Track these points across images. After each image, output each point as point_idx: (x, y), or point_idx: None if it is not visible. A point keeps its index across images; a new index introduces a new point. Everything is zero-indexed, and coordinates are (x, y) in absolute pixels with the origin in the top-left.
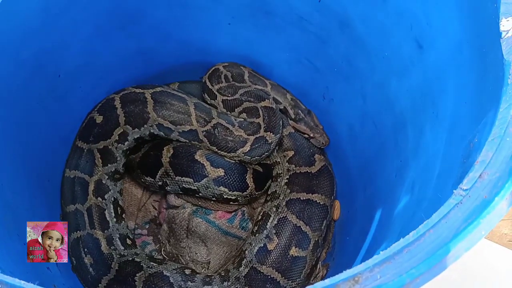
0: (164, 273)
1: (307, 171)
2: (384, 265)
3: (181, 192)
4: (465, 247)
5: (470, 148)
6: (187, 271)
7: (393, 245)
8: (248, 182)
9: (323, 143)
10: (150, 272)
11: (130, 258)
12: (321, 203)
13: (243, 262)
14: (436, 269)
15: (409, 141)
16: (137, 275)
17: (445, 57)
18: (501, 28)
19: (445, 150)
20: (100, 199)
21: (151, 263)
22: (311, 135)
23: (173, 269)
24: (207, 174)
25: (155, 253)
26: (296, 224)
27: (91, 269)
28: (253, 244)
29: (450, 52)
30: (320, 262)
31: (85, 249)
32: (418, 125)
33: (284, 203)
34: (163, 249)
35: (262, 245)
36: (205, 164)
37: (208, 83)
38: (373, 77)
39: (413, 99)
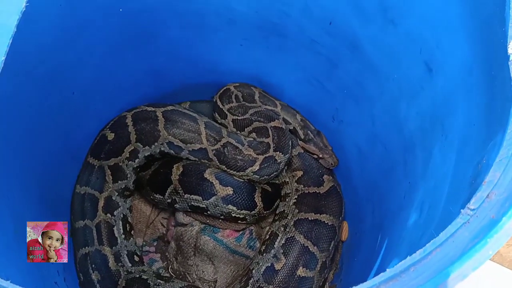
0: None
1: (315, 191)
2: (391, 283)
3: (189, 210)
4: (472, 267)
5: (479, 169)
6: None
7: (400, 263)
8: (256, 201)
9: (332, 164)
10: None
11: (137, 275)
12: (329, 224)
13: (250, 281)
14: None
15: (418, 162)
16: None
17: (455, 80)
18: (509, 51)
19: (454, 171)
20: (110, 216)
21: (158, 280)
22: (320, 155)
23: (180, 287)
24: (215, 193)
25: (162, 271)
26: (303, 244)
27: (98, 285)
28: (260, 264)
29: (460, 75)
30: (327, 283)
31: (93, 265)
32: (427, 147)
33: (292, 223)
34: (170, 266)
35: (269, 264)
36: (214, 183)
37: (219, 103)
38: (382, 100)
39: (422, 121)
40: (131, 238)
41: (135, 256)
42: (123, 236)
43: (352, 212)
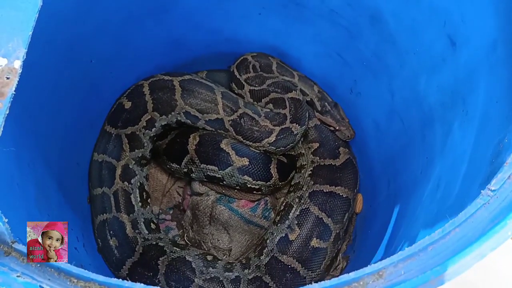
0: (187, 258)
1: (331, 163)
2: (409, 261)
3: (205, 180)
4: (490, 247)
5: (500, 148)
6: (209, 257)
7: (418, 242)
8: (272, 172)
9: (348, 136)
10: (173, 256)
11: (154, 242)
12: (343, 196)
13: (264, 251)
14: (461, 267)
15: (436, 138)
16: (160, 259)
17: (478, 55)
18: None
19: (473, 149)
20: (127, 184)
21: (174, 248)
22: (337, 127)
23: (196, 255)
24: (231, 163)
25: (178, 239)
26: (318, 215)
27: (116, 251)
28: (275, 234)
29: (484, 50)
30: (340, 254)
31: (111, 232)
32: (446, 122)
33: (307, 195)
34: (186, 234)
35: (283, 235)
36: (230, 153)
37: (236, 73)
38: (402, 73)
39: (442, 96)
40: (148, 206)
41: (151, 223)
42: (140, 204)
43: (367, 185)
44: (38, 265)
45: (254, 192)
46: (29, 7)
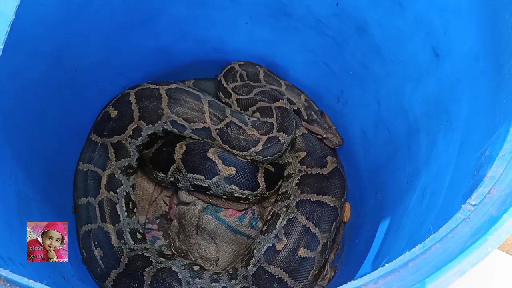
0: (173, 269)
1: (318, 172)
2: (389, 278)
3: (192, 189)
4: (471, 263)
5: (482, 161)
6: (196, 268)
7: (399, 258)
8: (259, 181)
9: (336, 143)
10: (159, 267)
11: (140, 253)
12: (331, 205)
13: (252, 261)
14: (441, 284)
15: (421, 148)
16: (146, 269)
17: (461, 67)
18: None
19: (457, 160)
20: (112, 193)
21: (160, 258)
22: (324, 135)
23: (182, 265)
24: (218, 172)
25: (165, 248)
26: (305, 225)
27: (100, 262)
28: (262, 244)
29: (466, 62)
30: (328, 264)
31: (96, 242)
32: (431, 133)
33: (294, 204)
34: (172, 244)
35: (270, 244)
36: (217, 162)
37: (223, 81)
38: (388, 83)
39: (427, 107)
40: (134, 216)
41: (137, 233)
42: (125, 213)
43: (354, 194)
44: None
45: (241, 201)
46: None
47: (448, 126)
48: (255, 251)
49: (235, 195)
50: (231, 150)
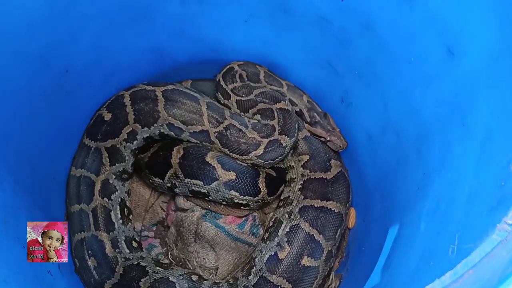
0: (170, 279)
1: (322, 177)
2: None
3: (190, 195)
4: None
5: (510, 170)
6: (194, 278)
7: (427, 287)
8: (260, 187)
9: (340, 146)
10: (155, 277)
11: (136, 262)
12: (336, 211)
13: (253, 270)
14: None
15: (434, 153)
16: (142, 280)
17: (479, 66)
18: None
19: (476, 167)
20: (107, 200)
21: (157, 268)
22: (328, 138)
23: (180, 275)
24: (217, 177)
25: (162, 257)
26: (309, 232)
27: (94, 272)
28: (264, 252)
29: (485, 61)
30: (333, 273)
31: (89, 251)
32: (445, 137)
33: (297, 210)
34: (170, 252)
35: (272, 253)
36: (216, 167)
37: (222, 82)
38: (396, 83)
39: (440, 109)
40: (129, 223)
41: (133, 241)
42: (120, 221)
43: (360, 199)
44: None
45: (242, 207)
46: None
47: (465, 130)
48: (256, 259)
49: (235, 201)
50: (231, 154)
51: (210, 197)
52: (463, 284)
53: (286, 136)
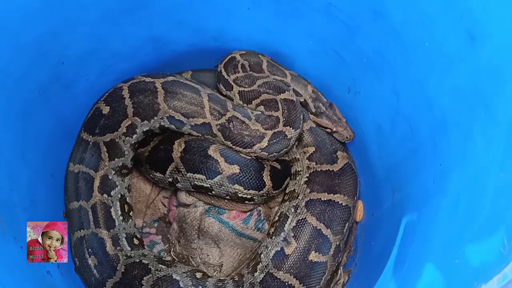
0: (174, 277)
1: (328, 169)
2: None
3: (192, 190)
4: None
5: None
6: (198, 275)
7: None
8: (265, 180)
9: (347, 137)
10: (158, 275)
11: (137, 260)
12: (343, 204)
13: (259, 266)
14: None
15: (452, 145)
16: (144, 278)
17: (503, 51)
18: None
19: (503, 160)
20: (106, 196)
21: (160, 265)
22: (334, 129)
23: (183, 272)
24: (221, 171)
25: (164, 254)
26: (316, 226)
27: (95, 271)
28: (269, 248)
29: (510, 45)
30: (341, 268)
31: (89, 249)
32: (464, 127)
33: (303, 204)
34: (172, 249)
35: (279, 248)
36: (219, 160)
37: (223, 73)
38: (409, 72)
39: (458, 99)
40: (130, 220)
41: (134, 239)
42: (121, 218)
43: (368, 192)
44: None
45: (246, 202)
46: None
47: (488, 119)
48: (262, 255)
49: (239, 195)
50: (234, 147)
51: (213, 192)
52: None
53: (291, 128)
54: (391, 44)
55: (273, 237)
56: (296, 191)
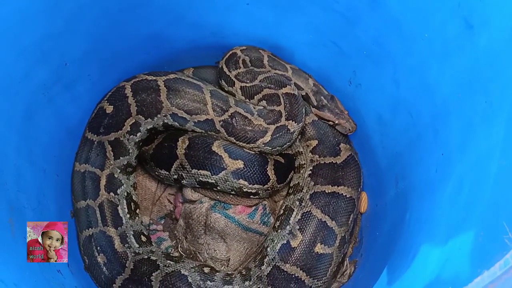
0: (182, 272)
1: (332, 161)
2: None
3: (198, 186)
4: None
5: None
6: (206, 270)
7: (475, 280)
8: (269, 174)
9: (349, 129)
10: (167, 271)
11: (146, 256)
12: (347, 196)
13: (265, 260)
14: None
15: (453, 133)
16: (153, 274)
17: (501, 38)
18: None
19: (504, 146)
20: (113, 194)
21: (168, 261)
22: (336, 121)
23: (191, 268)
24: (225, 167)
25: (172, 250)
26: (321, 219)
27: (104, 268)
28: (275, 241)
29: (508, 32)
30: (347, 259)
31: (98, 248)
32: (465, 115)
33: (308, 197)
34: (179, 245)
35: (285, 241)
36: (223, 156)
37: (225, 69)
38: (408, 61)
39: (459, 86)
40: (137, 217)
41: (142, 236)
42: (128, 215)
43: (371, 182)
44: None
45: (251, 196)
46: None
47: (488, 107)
48: (268, 249)
49: (244, 190)
50: (237, 142)
51: (218, 187)
52: None
53: (294, 122)
54: (390, 34)
55: (279, 231)
56: (301, 184)
